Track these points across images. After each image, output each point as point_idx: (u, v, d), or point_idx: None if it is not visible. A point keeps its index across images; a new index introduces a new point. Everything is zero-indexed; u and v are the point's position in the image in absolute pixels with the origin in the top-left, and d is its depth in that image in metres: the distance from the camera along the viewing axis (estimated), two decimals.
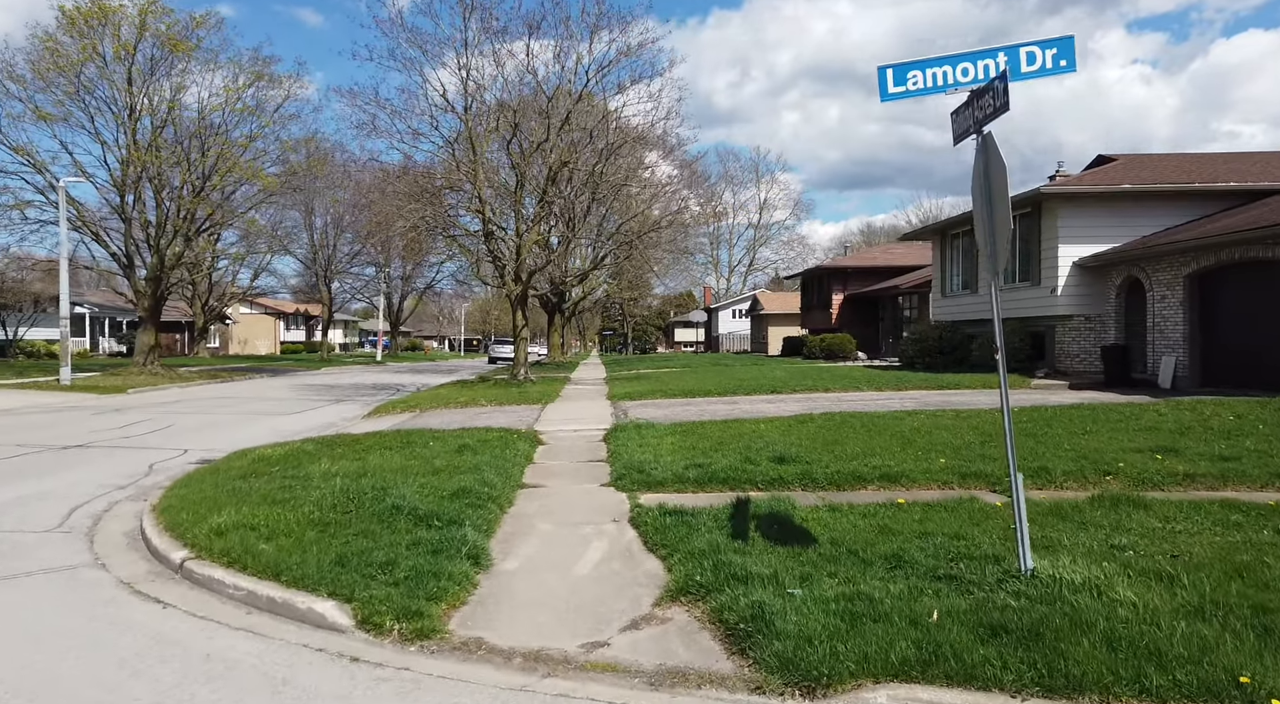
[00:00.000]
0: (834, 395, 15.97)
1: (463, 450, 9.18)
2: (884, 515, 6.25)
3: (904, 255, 39.34)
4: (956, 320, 22.72)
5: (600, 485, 8.06)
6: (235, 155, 27.16)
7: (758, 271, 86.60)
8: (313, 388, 25.45)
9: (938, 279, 24.63)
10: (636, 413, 14.09)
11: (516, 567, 5.61)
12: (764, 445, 9.13)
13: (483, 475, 7.65)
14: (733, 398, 16.13)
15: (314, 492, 6.93)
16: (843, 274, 37.44)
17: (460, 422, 13.51)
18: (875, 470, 7.80)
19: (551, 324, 38.82)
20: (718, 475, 7.79)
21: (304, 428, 14.26)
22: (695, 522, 6.14)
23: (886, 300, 35.46)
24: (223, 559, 5.57)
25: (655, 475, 7.92)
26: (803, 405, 14.17)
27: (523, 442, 10.25)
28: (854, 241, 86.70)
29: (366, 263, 55.21)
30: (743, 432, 10.36)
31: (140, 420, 15.40)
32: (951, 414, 11.40)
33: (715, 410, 13.93)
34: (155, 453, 11.20)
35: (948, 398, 14.69)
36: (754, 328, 59.72)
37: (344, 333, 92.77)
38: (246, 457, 9.05)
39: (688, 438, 10.12)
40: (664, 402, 16.02)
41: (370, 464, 8.26)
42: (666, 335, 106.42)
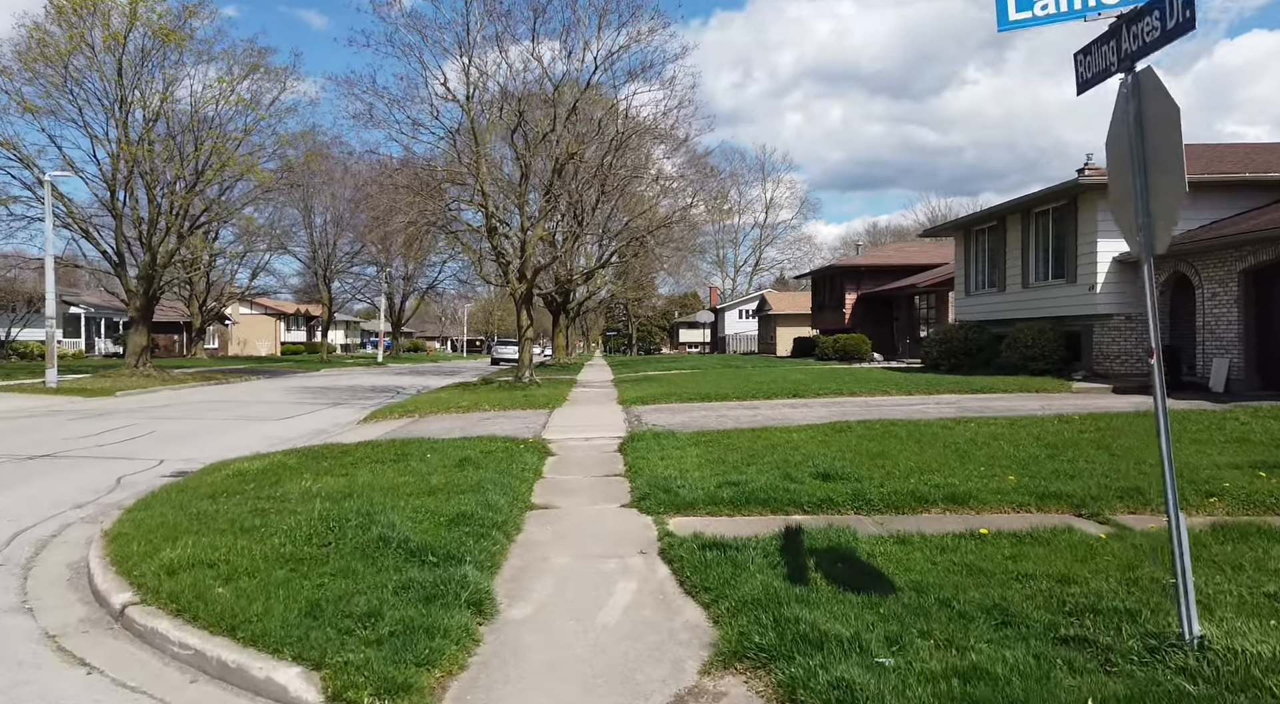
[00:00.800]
0: (861, 400, 14.95)
1: (463, 464, 8.17)
2: (966, 550, 5.23)
3: (919, 254, 38.30)
4: (981, 320, 21.68)
5: (621, 506, 7.05)
6: (229, 150, 26.19)
7: (764, 271, 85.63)
8: (309, 390, 24.48)
9: (960, 277, 23.59)
10: (652, 419, 13.08)
11: (527, 615, 4.60)
12: (802, 459, 8.11)
13: (486, 496, 6.64)
14: (752, 402, 15.11)
15: (290, 517, 5.93)
16: (856, 273, 36.39)
17: (461, 429, 12.51)
18: (937, 490, 6.79)
19: (556, 324, 37.84)
20: (756, 495, 6.77)
21: (294, 434, 13.29)
22: (740, 557, 5.13)
23: (902, 300, 34.42)
24: (171, 606, 4.58)
25: (684, 495, 6.90)
26: (831, 411, 13.15)
27: (530, 453, 9.24)
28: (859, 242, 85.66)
29: (367, 262, 54.30)
30: (775, 442, 9.34)
31: (120, 426, 14.42)
32: (1004, 422, 10.37)
33: (737, 416, 12.91)
34: (128, 464, 10.22)
35: (987, 402, 13.65)
36: (761, 328, 58.70)
37: (345, 334, 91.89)
38: (221, 471, 8.05)
39: (714, 449, 9.11)
40: (679, 406, 15.01)
41: (358, 482, 7.25)
42: (671, 336, 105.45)
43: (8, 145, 24.32)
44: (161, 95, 25.35)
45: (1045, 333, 18.20)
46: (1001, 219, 21.05)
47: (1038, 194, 19.00)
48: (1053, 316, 18.63)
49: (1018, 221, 20.33)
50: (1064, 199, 18.14)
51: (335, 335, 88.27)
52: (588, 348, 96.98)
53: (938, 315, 30.80)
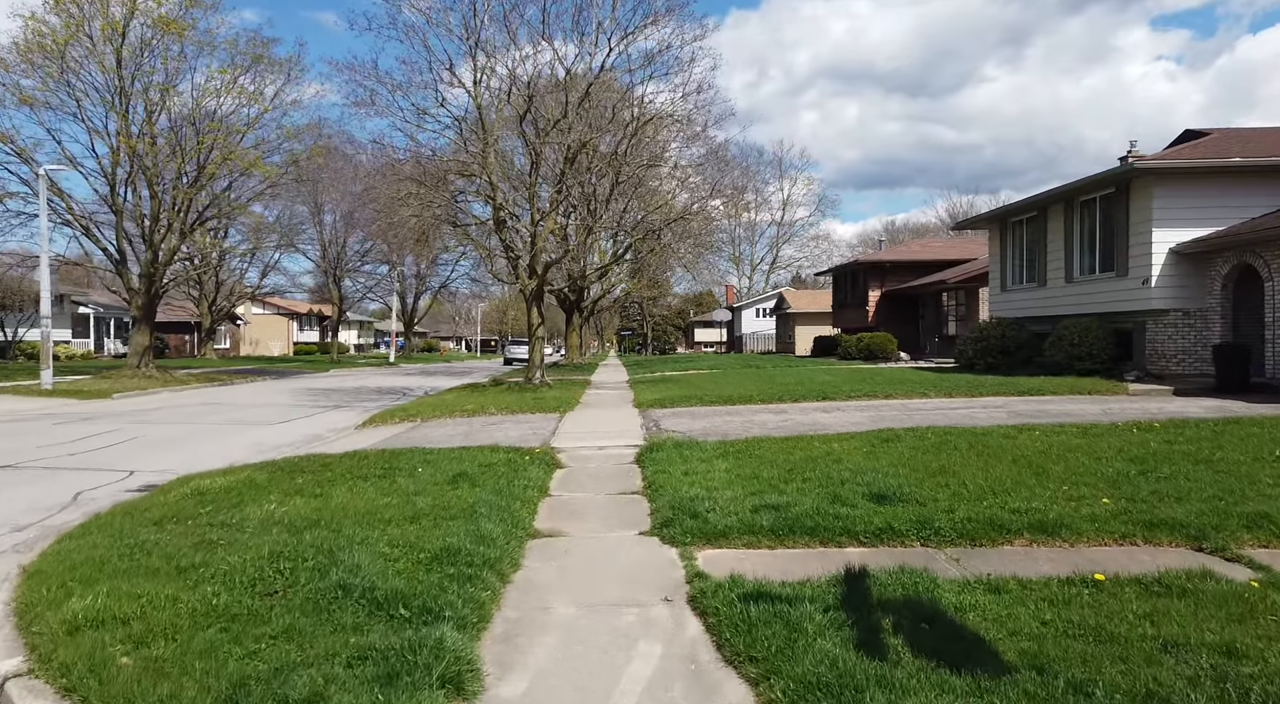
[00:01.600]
0: (899, 403, 13.78)
1: (458, 482, 7.10)
2: (1081, 603, 4.11)
3: (945, 249, 36.96)
4: (1019, 317, 20.41)
5: (639, 534, 5.96)
6: (233, 143, 25.34)
7: (780, 269, 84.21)
8: (313, 392, 23.57)
9: (996, 272, 22.32)
10: (671, 424, 11.98)
11: (520, 694, 3.53)
12: (850, 475, 6.99)
13: (479, 524, 5.57)
14: (779, 406, 13.98)
15: (237, 553, 4.88)
16: (880, 269, 35.08)
17: (464, 435, 11.47)
18: (1019, 516, 5.65)
19: (569, 323, 36.79)
20: (801, 522, 5.67)
21: (285, 441, 12.30)
22: (794, 612, 4.03)
23: (928, 296, 33.11)
24: (61, 680, 3.55)
25: (714, 521, 5.80)
26: (868, 417, 11.99)
27: (535, 466, 8.17)
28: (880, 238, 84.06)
29: (379, 261, 53.50)
30: (813, 454, 8.21)
31: (103, 431, 13.50)
32: (1074, 430, 9.18)
33: (764, 422, 11.79)
34: (94, 476, 9.24)
35: (1040, 406, 12.45)
36: (779, 327, 57.43)
37: (359, 334, 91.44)
38: (181, 489, 7.04)
39: (745, 462, 7.99)
40: (700, 410, 13.90)
41: (331, 504, 6.20)
42: (686, 335, 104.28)
43: (4, 138, 23.57)
44: (162, 87, 24.52)
45: (1092, 330, 16.94)
46: (1042, 209, 19.77)
47: (1083, 181, 17.73)
48: (1100, 313, 17.36)
49: (1060, 212, 19.05)
50: (1113, 186, 16.87)
51: (348, 335, 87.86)
52: (602, 347, 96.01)
53: (967, 312, 29.49)
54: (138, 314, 27.66)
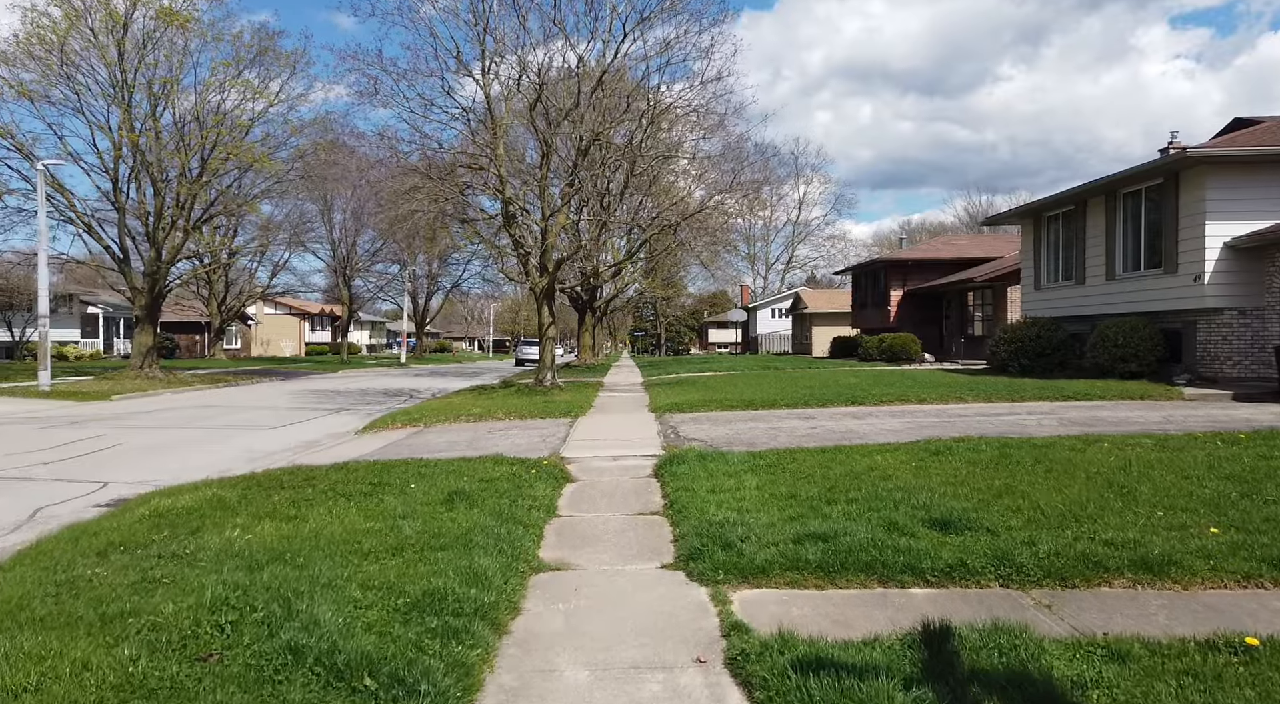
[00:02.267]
0: (934, 408, 12.83)
1: (453, 501, 6.25)
2: (1238, 680, 3.19)
3: (970, 246, 35.85)
4: (1056, 316, 19.36)
5: (661, 567, 5.08)
6: (236, 137, 24.67)
7: (796, 269, 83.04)
8: (318, 394, 22.84)
9: (1029, 269, 21.28)
10: (691, 431, 11.10)
11: None
12: (902, 496, 6.08)
13: (473, 558, 4.70)
14: (806, 411, 13.06)
15: (178, 596, 4.03)
16: (902, 268, 34.01)
17: (467, 443, 10.64)
18: (1115, 551, 4.74)
19: (582, 323, 35.93)
20: (855, 557, 4.77)
21: (277, 448, 11.51)
22: (867, 691, 3.13)
23: (953, 296, 32.03)
24: None
25: (750, 553, 4.92)
26: (905, 424, 11.06)
27: (542, 480, 7.30)
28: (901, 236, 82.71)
29: (390, 261, 52.88)
30: (855, 469, 7.30)
31: (88, 437, 12.76)
32: (1147, 442, 8.22)
33: (792, 430, 10.87)
34: (63, 488, 8.46)
35: (1092, 412, 11.47)
36: (796, 328, 56.38)
37: (371, 334, 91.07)
38: (140, 509, 6.22)
39: (779, 477, 7.09)
40: (721, 416, 13.01)
41: (305, 530, 5.35)
42: (700, 336, 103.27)
43: (3, 132, 22.97)
44: (164, 80, 23.87)
45: (1138, 330, 15.91)
46: (1080, 202, 18.73)
47: (1127, 172, 16.69)
48: (1146, 312, 16.32)
49: (1100, 205, 18.01)
50: (1161, 177, 15.83)
51: (360, 336, 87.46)
52: (615, 348, 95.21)
53: (994, 312, 28.41)
54: (141, 314, 27.04)
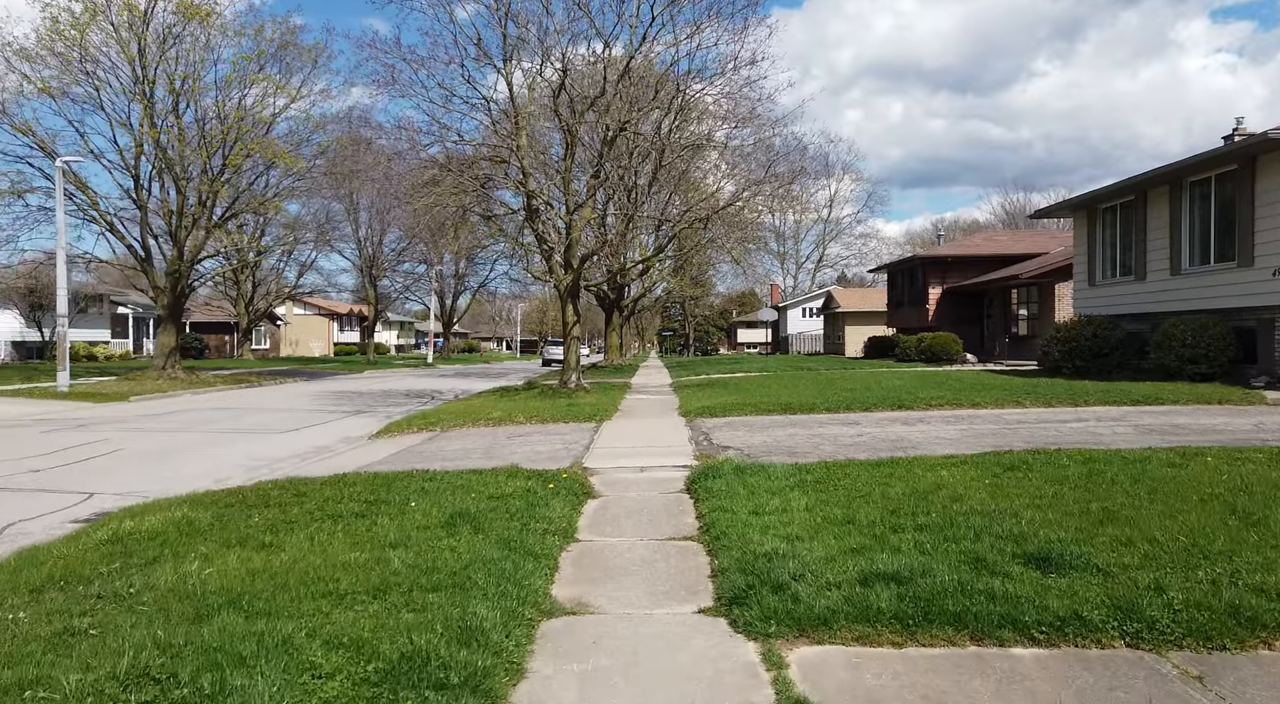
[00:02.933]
0: (991, 413, 11.78)
1: (456, 524, 5.41)
2: None
3: (1013, 243, 34.48)
4: (1113, 314, 18.14)
5: (699, 613, 4.20)
6: (257, 133, 24.22)
7: (826, 268, 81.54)
8: (338, 395, 22.26)
9: (1082, 264, 20.04)
10: (725, 438, 10.19)
11: None
12: (982, 522, 5.13)
13: (468, 605, 3.86)
14: (849, 416, 12.08)
15: (90, 661, 3.23)
16: (941, 265, 32.72)
17: (483, 451, 9.85)
18: (1270, 602, 3.77)
19: (609, 323, 35.11)
20: (939, 605, 3.86)
21: (285, 454, 10.82)
22: None
23: (995, 294, 30.71)
24: None
25: (808, 597, 4.02)
26: (961, 431, 10.05)
27: (561, 498, 6.45)
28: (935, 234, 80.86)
29: (416, 260, 52.56)
30: (919, 487, 6.35)
31: (90, 441, 12.17)
32: (1260, 456, 7.14)
33: (837, 437, 9.92)
34: (45, 500, 7.80)
35: (1170, 419, 10.37)
36: (828, 327, 55.10)
37: (399, 334, 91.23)
38: (99, 533, 5.46)
39: (831, 495, 6.17)
40: (757, 420, 12.08)
41: (276, 562, 4.55)
42: (728, 336, 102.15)
43: (23, 130, 22.72)
44: (184, 75, 23.48)
45: (1208, 329, 14.70)
46: (1140, 193, 17.50)
47: (1195, 159, 15.46)
48: (1215, 309, 15.09)
49: (1163, 195, 16.78)
50: (1234, 163, 14.61)
51: (388, 336, 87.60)
52: (642, 348, 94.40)
53: (1041, 311, 27.10)
54: (163, 313, 26.75)
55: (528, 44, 15.75)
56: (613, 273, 23.91)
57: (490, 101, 16.80)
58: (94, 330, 44.51)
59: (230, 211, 27.02)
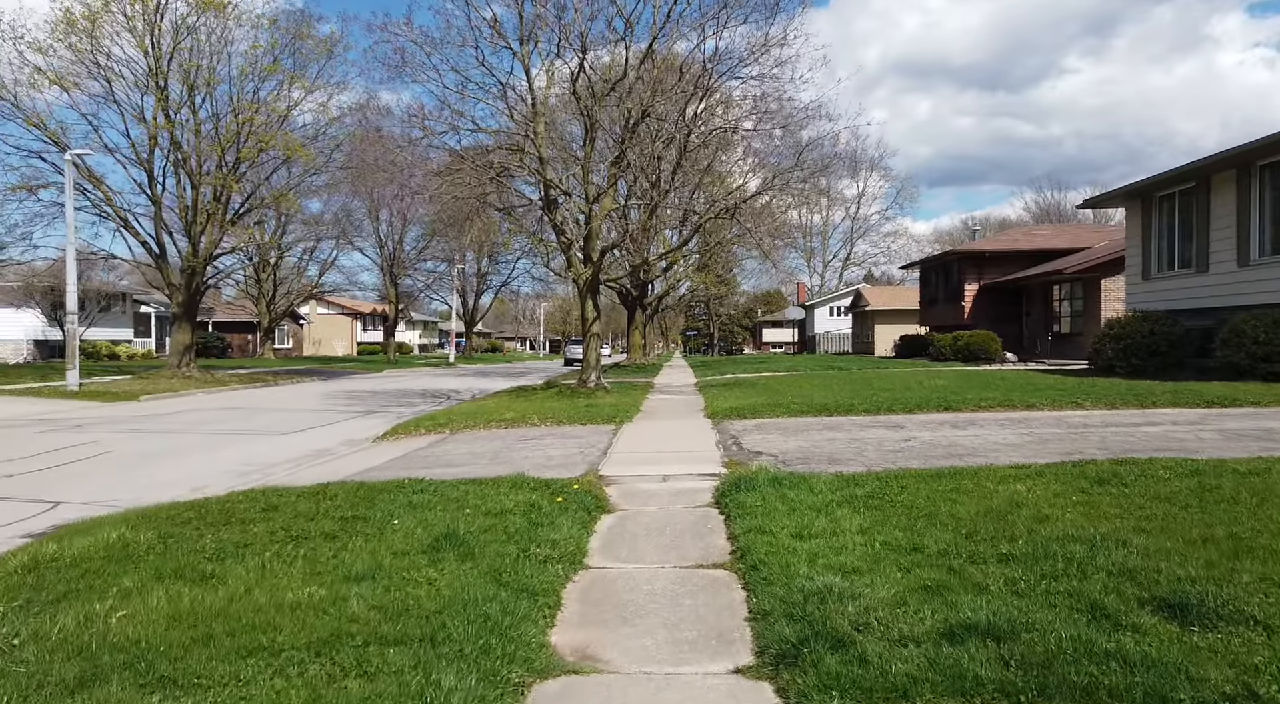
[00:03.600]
0: (1050, 415, 10.70)
1: (440, 549, 4.53)
2: None
3: (1051, 237, 33.08)
4: (1171, 310, 16.90)
5: (735, 673, 3.29)
6: (271, 125, 23.66)
7: (854, 266, 79.99)
8: (352, 395, 21.58)
9: (1136, 257, 18.78)
10: (756, 442, 9.24)
11: None
12: (1083, 551, 4.15)
13: (433, 669, 2.96)
14: (892, 418, 11.06)
15: None
16: (977, 260, 31.41)
17: (491, 455, 8.99)
18: None
19: (632, 322, 34.20)
20: (1059, 674, 2.91)
21: (281, 458, 10.06)
22: None
23: (1035, 290, 29.37)
24: None
25: (879, 658, 3.09)
26: (1021, 435, 9.01)
27: (570, 514, 5.55)
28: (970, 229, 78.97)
29: (438, 259, 52.04)
30: (992, 502, 5.36)
31: (80, 443, 11.50)
32: None
33: (881, 442, 8.93)
34: (5, 509, 7.05)
35: (1258, 423, 9.24)
36: (856, 326, 53.78)
37: (422, 334, 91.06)
38: (19, 558, 4.65)
39: (888, 513, 5.21)
40: (790, 423, 11.10)
41: (210, 601, 3.68)
42: (753, 335, 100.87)
43: (35, 122, 22.31)
44: (196, 65, 22.93)
45: None
46: (1203, 178, 16.24)
47: (1266, 140, 14.21)
48: None
49: (1229, 180, 15.53)
50: None
51: (411, 335, 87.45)
52: (666, 348, 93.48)
53: (1085, 307, 25.77)
54: (179, 311, 26.29)
55: (545, 23, 14.87)
56: (635, 268, 23.01)
57: (506, 87, 15.98)
58: (117, 329, 44.48)
59: (246, 207, 26.51)
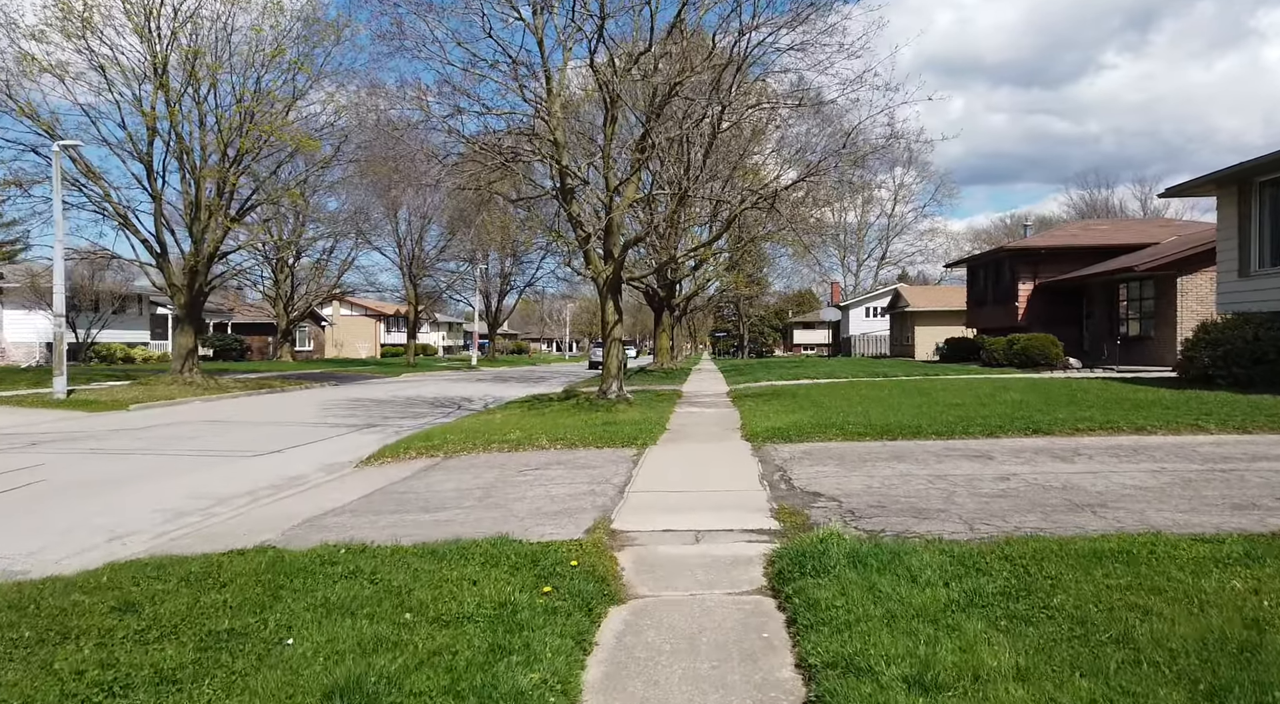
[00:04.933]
0: (1169, 442, 8.69)
1: None
2: None
3: (1114, 233, 30.64)
4: (1274, 311, 14.68)
5: None
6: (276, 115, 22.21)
7: (890, 264, 77.32)
8: (356, 404, 20.02)
9: (1230, 251, 16.55)
10: (809, 477, 7.36)
11: None
12: None
13: None
14: (972, 443, 9.12)
15: None
16: (1031, 258, 29.05)
17: (479, 494, 7.23)
18: None
19: (659, 324, 32.34)
20: None
21: (238, 489, 8.40)
22: None
23: (1097, 289, 27.02)
24: None
25: None
26: (1151, 473, 7.03)
27: (556, 627, 3.71)
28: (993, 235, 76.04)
29: (460, 258, 50.63)
30: (1212, 619, 3.43)
31: (16, 469, 9.93)
32: None
33: (973, 481, 7.00)
34: None
35: None
36: (894, 327, 51.43)
37: (447, 335, 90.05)
38: None
39: (1050, 635, 3.32)
40: (845, 448, 9.20)
41: None
42: (784, 337, 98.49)
43: (29, 113, 21.04)
44: (197, 50, 21.52)
45: None
46: None
47: None
48: None
49: None
50: None
51: (435, 337, 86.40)
52: (695, 349, 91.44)
53: (1157, 308, 23.43)
54: (180, 313, 25.03)
55: None
56: (661, 266, 21.20)
57: (518, 63, 14.22)
58: (133, 331, 43.60)
59: (251, 203, 25.13)
